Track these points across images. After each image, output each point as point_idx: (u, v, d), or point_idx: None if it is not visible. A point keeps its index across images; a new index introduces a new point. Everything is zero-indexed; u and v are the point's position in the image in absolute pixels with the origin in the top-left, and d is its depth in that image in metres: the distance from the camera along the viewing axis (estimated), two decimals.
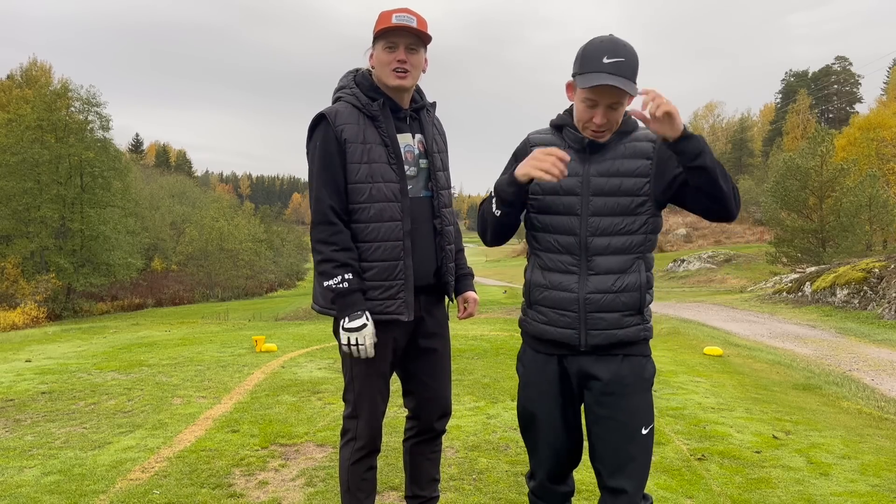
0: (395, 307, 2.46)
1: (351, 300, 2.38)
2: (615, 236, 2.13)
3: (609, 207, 2.13)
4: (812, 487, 3.68)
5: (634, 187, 2.12)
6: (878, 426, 5.51)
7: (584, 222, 2.14)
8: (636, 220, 2.14)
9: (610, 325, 2.13)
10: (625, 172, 2.13)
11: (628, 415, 2.14)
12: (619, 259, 2.13)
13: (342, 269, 2.37)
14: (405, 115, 2.54)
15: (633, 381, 2.16)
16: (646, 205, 2.14)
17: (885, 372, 9.21)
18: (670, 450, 4.30)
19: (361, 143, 2.41)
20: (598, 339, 2.14)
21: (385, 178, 2.43)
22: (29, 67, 55.46)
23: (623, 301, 2.13)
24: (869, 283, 16.92)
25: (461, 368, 7.36)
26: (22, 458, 4.10)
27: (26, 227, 38.27)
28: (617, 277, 2.13)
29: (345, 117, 2.43)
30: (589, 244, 2.14)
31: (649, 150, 2.14)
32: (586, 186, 2.13)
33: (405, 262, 2.46)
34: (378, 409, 2.56)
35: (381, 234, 2.43)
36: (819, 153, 32.73)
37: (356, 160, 2.40)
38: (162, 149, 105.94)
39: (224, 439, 4.45)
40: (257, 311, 36.26)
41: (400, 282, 2.46)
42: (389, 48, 2.42)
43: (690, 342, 11.10)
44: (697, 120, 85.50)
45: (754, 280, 33.76)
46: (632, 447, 2.13)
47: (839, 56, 76.82)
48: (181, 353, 9.08)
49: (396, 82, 2.43)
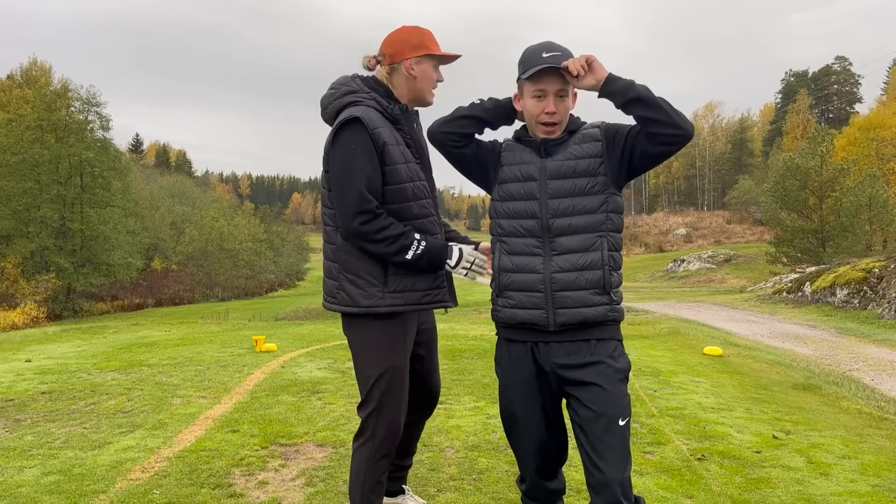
0: (442, 295, 2.62)
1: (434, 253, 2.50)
2: (575, 216, 2.23)
3: (566, 189, 2.25)
4: (812, 487, 3.68)
5: (589, 168, 2.24)
6: (878, 426, 5.51)
7: (545, 206, 2.26)
8: (595, 199, 2.24)
9: (576, 302, 2.20)
10: (578, 155, 2.26)
11: (604, 405, 2.17)
12: (581, 238, 2.22)
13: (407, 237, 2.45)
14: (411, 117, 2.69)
15: (607, 371, 2.20)
16: (603, 184, 2.24)
17: (885, 372, 9.21)
18: (670, 450, 4.30)
19: (395, 144, 2.50)
20: (564, 318, 2.21)
21: (420, 178, 2.59)
22: (29, 67, 55.48)
23: (587, 278, 2.20)
24: (869, 283, 16.92)
25: (461, 368, 7.36)
26: (22, 458, 4.10)
27: (26, 227, 38.27)
28: (580, 256, 2.21)
29: (377, 121, 2.48)
30: (551, 226, 2.25)
31: (597, 133, 2.28)
32: (543, 171, 2.28)
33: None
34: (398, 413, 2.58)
35: (425, 229, 2.58)
36: (819, 153, 32.74)
37: (397, 161, 2.48)
38: (162, 149, 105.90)
39: (224, 439, 4.45)
40: (257, 311, 36.26)
41: (443, 272, 2.61)
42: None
43: (690, 342, 11.10)
44: (697, 120, 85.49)
45: (754, 280, 33.78)
46: (610, 439, 2.15)
47: (839, 56, 76.95)
48: (181, 353, 9.08)
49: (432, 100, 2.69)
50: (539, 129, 2.28)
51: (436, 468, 3.87)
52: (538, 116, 2.26)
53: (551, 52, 2.21)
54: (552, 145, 2.30)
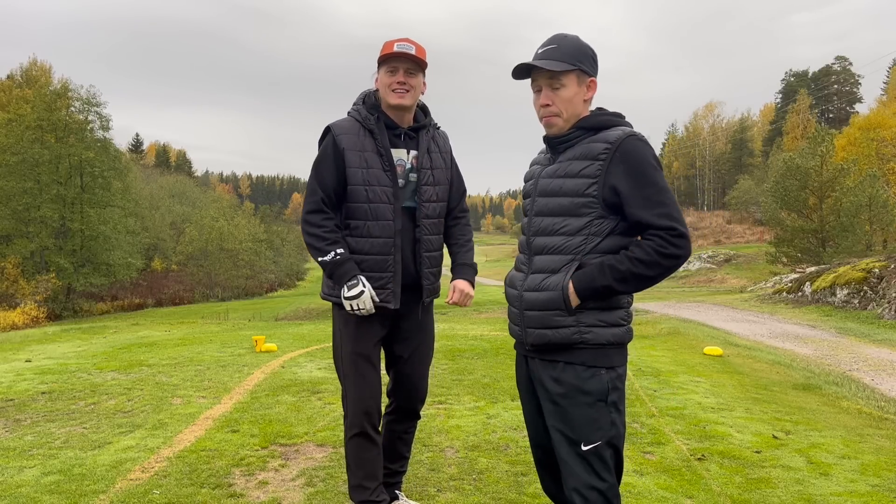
0: (385, 296, 2.79)
1: (345, 269, 2.71)
2: (552, 236, 2.17)
3: (549, 208, 2.19)
4: (812, 487, 3.68)
5: (576, 188, 2.13)
6: (878, 426, 5.51)
7: (530, 222, 2.25)
8: (577, 221, 2.13)
9: (538, 323, 2.16)
10: (569, 173, 2.16)
11: (564, 426, 2.12)
12: (552, 259, 2.16)
13: (334, 245, 2.73)
14: (401, 133, 2.84)
15: (571, 393, 2.11)
16: (590, 206, 2.11)
17: (885, 372, 9.21)
18: (670, 450, 4.30)
19: (359, 150, 2.75)
20: (532, 338, 2.18)
21: (380, 183, 2.76)
22: (29, 67, 55.47)
23: (547, 299, 2.13)
24: (869, 283, 16.92)
25: (461, 368, 7.36)
26: (22, 458, 4.10)
27: (26, 227, 38.27)
28: (545, 277, 2.16)
29: (345, 129, 2.79)
30: (531, 243, 2.23)
31: (600, 151, 2.10)
32: (535, 189, 2.26)
33: (395, 258, 2.79)
34: (363, 390, 2.82)
35: (375, 231, 2.77)
36: (819, 153, 32.71)
37: (355, 165, 2.74)
38: (162, 149, 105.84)
39: (224, 439, 4.45)
40: (257, 311, 36.26)
41: (389, 274, 2.79)
42: (391, 72, 2.75)
43: (690, 342, 11.10)
44: (697, 120, 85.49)
45: (754, 280, 33.78)
46: (573, 462, 2.09)
47: (839, 56, 76.83)
48: (181, 353, 9.08)
49: (396, 100, 2.75)
50: (543, 124, 2.26)
51: (436, 468, 3.87)
52: (539, 111, 2.24)
53: (545, 47, 2.20)
54: (559, 142, 2.23)
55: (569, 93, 2.18)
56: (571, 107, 2.19)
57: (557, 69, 2.15)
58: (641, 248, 2.05)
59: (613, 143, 2.09)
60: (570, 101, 2.18)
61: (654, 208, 2.04)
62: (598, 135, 2.16)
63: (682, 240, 2.03)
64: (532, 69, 2.20)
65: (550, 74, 2.17)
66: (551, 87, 2.18)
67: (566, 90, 2.18)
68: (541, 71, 2.18)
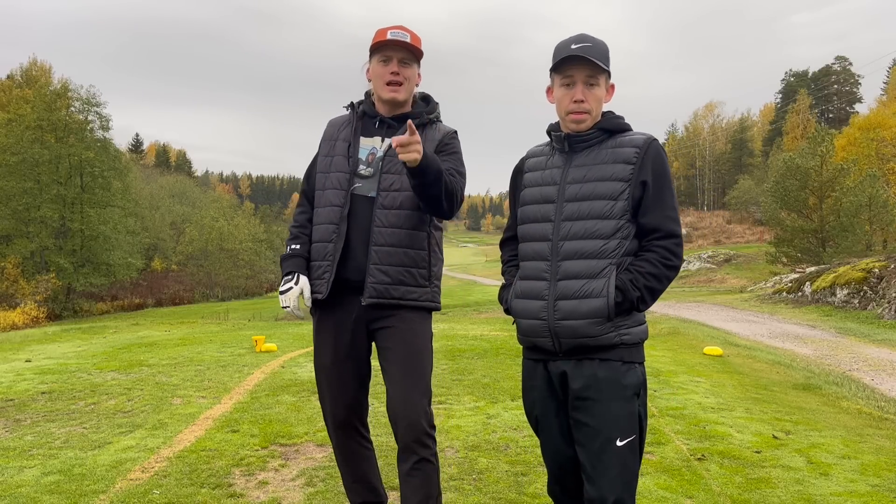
0: (319, 286, 2.60)
1: (287, 263, 2.65)
2: (586, 240, 2.13)
3: (582, 212, 2.14)
4: (812, 487, 3.68)
5: (610, 191, 2.12)
6: (878, 426, 5.51)
7: (557, 228, 2.17)
8: (611, 223, 2.12)
9: (576, 333, 2.09)
10: (601, 177, 2.14)
11: (600, 422, 2.07)
12: (588, 263, 2.11)
13: (292, 241, 2.71)
14: (377, 120, 2.66)
15: (608, 388, 2.09)
16: (622, 209, 2.12)
17: (885, 372, 9.21)
18: (670, 450, 4.30)
19: (332, 140, 2.71)
20: (568, 346, 2.13)
21: (337, 169, 2.65)
22: (29, 67, 55.43)
23: (587, 308, 2.08)
24: (869, 283, 16.92)
25: (461, 368, 7.36)
26: (22, 458, 4.10)
27: (26, 227, 38.26)
28: (584, 283, 2.10)
29: (334, 122, 2.77)
30: (560, 249, 2.15)
31: (631, 155, 2.14)
32: (562, 193, 2.19)
33: (335, 245, 2.57)
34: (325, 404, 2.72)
35: (321, 218, 2.65)
36: (819, 153, 32.71)
37: (323, 154, 2.73)
38: (162, 149, 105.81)
39: (224, 439, 4.45)
40: (257, 311, 36.24)
41: (327, 263, 2.59)
42: (384, 61, 2.57)
43: (690, 342, 11.10)
44: (697, 120, 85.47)
45: (754, 280, 33.77)
46: (606, 457, 2.06)
47: (839, 56, 76.81)
48: (181, 353, 9.08)
49: (389, 94, 2.58)
50: (568, 120, 2.19)
51: None
52: (567, 106, 2.18)
53: (581, 44, 2.16)
54: (578, 142, 2.20)
55: (600, 93, 2.19)
56: (599, 107, 2.20)
57: (601, 65, 2.14)
58: (650, 262, 2.12)
59: (643, 147, 2.14)
60: (599, 101, 2.19)
61: (664, 210, 2.14)
62: (620, 138, 2.18)
63: (681, 247, 2.17)
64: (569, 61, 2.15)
65: (590, 71, 2.15)
66: (587, 83, 2.16)
67: (599, 90, 2.18)
68: (581, 66, 2.14)
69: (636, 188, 2.12)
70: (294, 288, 2.57)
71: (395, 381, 2.56)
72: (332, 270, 2.56)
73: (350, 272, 2.56)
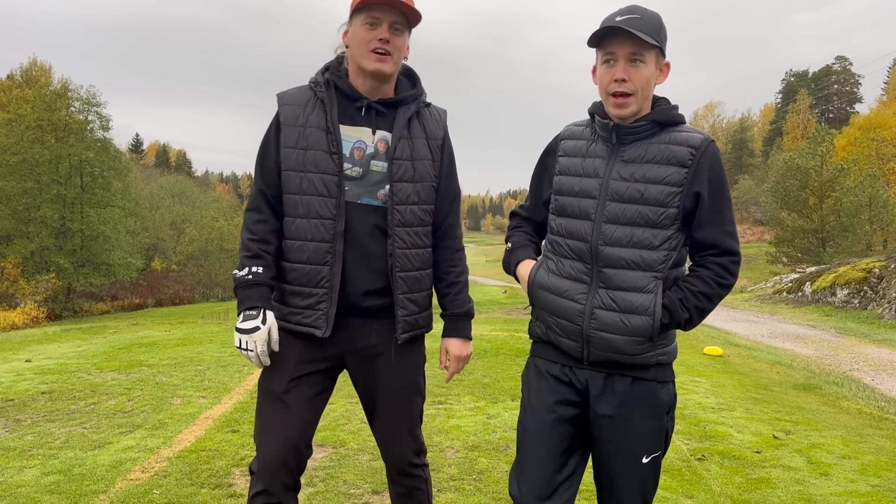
0: (313, 319, 2.09)
1: (248, 294, 2.06)
2: (629, 248, 1.90)
3: (628, 216, 1.90)
4: (812, 487, 3.68)
5: (660, 196, 1.88)
6: (878, 426, 5.51)
7: (597, 229, 1.93)
8: (659, 233, 1.89)
9: (613, 347, 1.91)
10: (651, 179, 1.89)
11: (627, 440, 1.93)
12: (634, 275, 1.89)
13: (252, 261, 2.09)
14: (363, 105, 2.13)
15: (640, 407, 1.94)
16: (673, 217, 1.89)
17: (885, 372, 9.21)
18: (670, 450, 4.29)
19: (300, 126, 2.10)
20: (598, 357, 1.94)
21: (319, 169, 2.08)
22: (29, 67, 55.43)
23: (630, 325, 1.88)
24: (869, 283, 16.92)
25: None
26: (22, 458, 4.10)
27: (26, 227, 38.26)
28: (628, 295, 1.89)
29: (291, 98, 2.15)
30: (599, 253, 1.92)
31: (686, 157, 1.89)
32: (605, 190, 1.93)
33: (332, 269, 2.08)
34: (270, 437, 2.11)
35: (305, 233, 2.09)
36: (819, 153, 32.72)
37: (290, 145, 2.10)
38: (162, 149, 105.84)
39: (224, 439, 4.45)
40: None
41: (322, 290, 2.08)
42: (370, 24, 2.05)
43: (690, 342, 11.10)
44: (697, 120, 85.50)
45: (754, 280, 33.76)
46: (629, 474, 1.95)
47: (839, 56, 76.86)
48: (181, 353, 9.09)
49: (375, 65, 2.06)
50: (609, 102, 1.93)
51: (436, 468, 3.87)
52: (608, 86, 1.91)
53: (627, 16, 1.87)
54: (627, 133, 1.93)
55: (648, 72, 1.90)
56: (647, 89, 1.92)
57: (647, 40, 1.85)
58: (703, 280, 1.93)
59: (699, 149, 1.89)
60: (647, 81, 1.91)
61: (723, 226, 1.93)
62: (673, 134, 1.93)
63: (738, 265, 1.95)
64: (609, 35, 1.89)
65: (634, 45, 1.87)
66: (630, 59, 1.88)
67: (646, 68, 1.89)
68: (623, 39, 1.87)
69: (689, 197, 1.89)
70: (261, 328, 2.03)
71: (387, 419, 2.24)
72: (332, 301, 2.09)
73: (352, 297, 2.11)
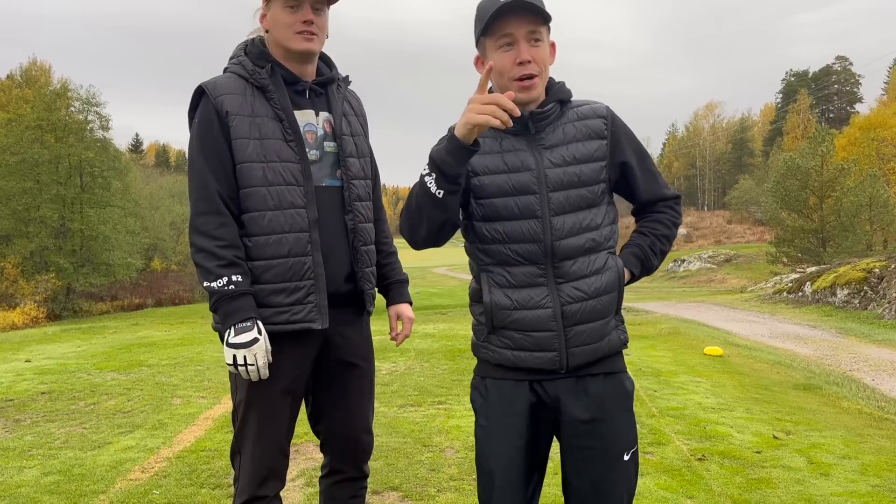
0: (305, 313, 2.01)
1: (237, 305, 1.93)
2: (581, 234, 1.80)
3: (572, 202, 1.80)
4: (812, 487, 3.68)
5: (594, 174, 1.81)
6: (878, 426, 5.51)
7: (548, 225, 1.78)
8: (599, 211, 1.83)
9: (592, 336, 1.82)
10: (581, 159, 1.80)
11: (609, 441, 1.84)
12: (590, 259, 1.81)
13: (229, 269, 1.94)
14: (305, 89, 2.10)
15: (615, 405, 1.86)
16: (605, 192, 1.85)
17: (885, 372, 9.20)
18: (670, 450, 4.30)
19: (249, 115, 2.01)
20: (580, 358, 1.82)
21: (281, 158, 2.01)
22: (29, 67, 55.42)
23: (603, 306, 1.83)
24: (869, 283, 16.92)
25: (461, 368, 7.36)
26: (22, 458, 4.10)
27: (26, 227, 38.28)
28: (592, 280, 1.81)
29: (226, 87, 2.02)
30: (556, 249, 1.79)
31: (601, 128, 1.82)
32: (543, 182, 1.78)
33: (314, 258, 2.02)
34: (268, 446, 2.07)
35: (280, 225, 2.00)
36: (819, 153, 32.72)
37: (244, 135, 1.99)
38: (162, 149, 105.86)
39: (224, 439, 4.45)
40: None
41: (309, 282, 2.02)
42: (291, 7, 2.01)
43: (690, 342, 11.09)
44: (697, 120, 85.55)
45: (754, 280, 33.76)
46: (613, 475, 1.85)
47: (839, 56, 76.93)
48: (181, 353, 9.08)
49: (304, 45, 2.02)
50: (515, 88, 1.73)
51: (436, 468, 3.87)
52: (510, 71, 1.73)
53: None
54: (542, 119, 1.80)
55: (546, 51, 1.77)
56: (547, 70, 1.79)
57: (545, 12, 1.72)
58: (663, 223, 1.95)
59: (608, 118, 1.84)
60: (546, 62, 1.78)
61: (657, 180, 1.95)
62: (576, 110, 1.85)
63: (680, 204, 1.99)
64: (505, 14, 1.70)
65: (531, 25, 1.71)
66: (530, 39, 1.72)
67: (545, 47, 1.76)
68: (520, 18, 1.70)
69: (614, 168, 1.86)
70: (260, 339, 1.92)
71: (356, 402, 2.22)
72: (321, 290, 2.03)
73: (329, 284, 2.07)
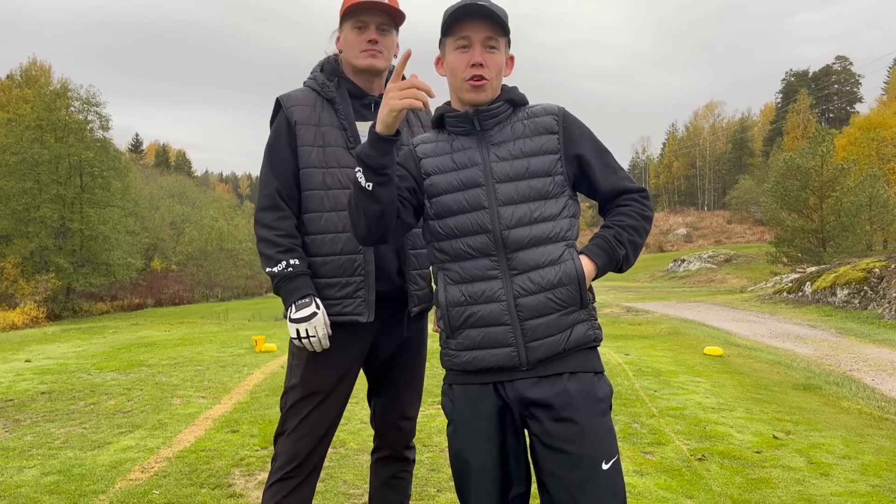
0: (354, 307, 2.19)
1: (296, 285, 2.14)
2: (535, 224, 1.82)
3: (521, 193, 1.83)
4: (812, 487, 3.68)
5: (545, 166, 1.85)
6: (878, 426, 5.51)
7: (496, 215, 1.82)
8: (556, 202, 1.85)
9: (550, 329, 1.79)
10: (529, 152, 1.85)
11: (581, 447, 1.75)
12: (545, 250, 1.81)
13: (287, 254, 2.16)
14: (371, 102, 2.30)
15: (584, 404, 1.79)
16: (561, 185, 1.86)
17: (885, 372, 9.20)
18: (670, 450, 4.29)
19: (315, 125, 2.23)
20: (539, 353, 1.79)
21: (341, 164, 2.21)
22: (28, 67, 55.38)
23: (560, 298, 1.80)
24: (869, 283, 16.92)
25: None
26: (22, 458, 4.10)
27: (26, 227, 38.27)
28: (547, 272, 1.80)
29: (299, 100, 2.26)
30: (506, 239, 1.81)
31: (551, 123, 1.88)
32: (489, 174, 1.84)
33: (365, 257, 2.20)
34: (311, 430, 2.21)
35: (335, 225, 2.19)
36: (819, 153, 32.71)
37: (308, 143, 2.22)
38: (162, 149, 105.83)
39: (224, 439, 4.45)
40: (257, 311, 36.23)
41: (359, 278, 2.20)
42: (359, 28, 2.21)
43: (690, 342, 11.09)
44: (698, 120, 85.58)
45: (754, 280, 33.76)
46: (591, 486, 1.75)
47: (839, 56, 76.99)
48: (181, 353, 9.08)
49: (367, 61, 2.22)
50: (465, 88, 1.83)
51: (436, 468, 3.87)
52: (463, 72, 1.82)
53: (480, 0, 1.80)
54: (489, 116, 1.86)
55: (501, 60, 1.85)
56: (499, 78, 1.87)
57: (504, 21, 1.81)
58: (627, 215, 1.91)
59: (559, 114, 1.89)
60: (499, 70, 1.86)
61: (618, 173, 1.94)
62: (527, 110, 1.91)
63: (648, 198, 1.96)
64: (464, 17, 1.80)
65: (489, 32, 1.81)
66: (486, 45, 1.81)
67: (500, 55, 1.85)
68: (479, 25, 1.80)
69: (570, 162, 1.88)
70: (318, 313, 2.11)
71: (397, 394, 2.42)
72: (370, 287, 2.20)
73: (381, 282, 2.24)
